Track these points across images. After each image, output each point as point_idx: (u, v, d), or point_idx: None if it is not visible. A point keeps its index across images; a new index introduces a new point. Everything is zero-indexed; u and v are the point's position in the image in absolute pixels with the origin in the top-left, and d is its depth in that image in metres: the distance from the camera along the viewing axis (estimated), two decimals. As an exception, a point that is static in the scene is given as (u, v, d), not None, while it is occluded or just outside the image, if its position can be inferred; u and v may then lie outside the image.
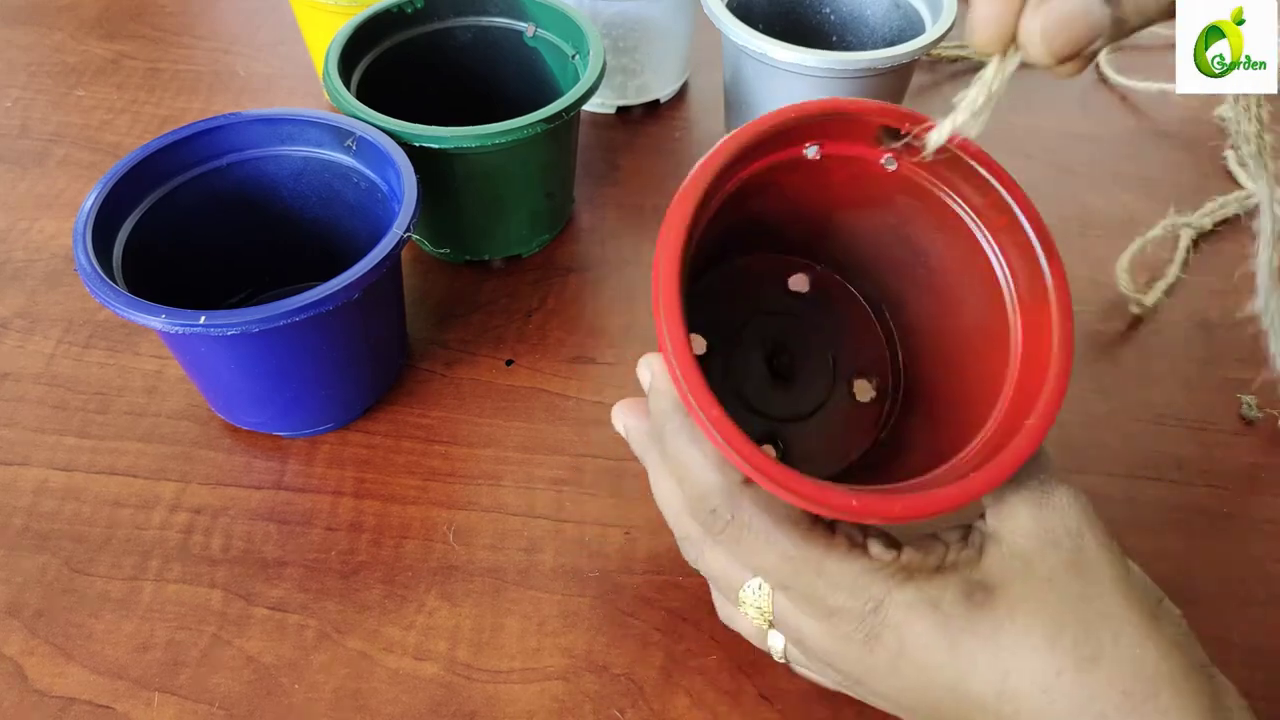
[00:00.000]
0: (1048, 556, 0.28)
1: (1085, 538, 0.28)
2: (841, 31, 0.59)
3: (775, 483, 0.27)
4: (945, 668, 0.27)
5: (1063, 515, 0.28)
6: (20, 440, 0.43)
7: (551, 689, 0.35)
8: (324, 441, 0.43)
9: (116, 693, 0.35)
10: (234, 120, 0.43)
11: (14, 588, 0.38)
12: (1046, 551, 0.28)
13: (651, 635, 0.37)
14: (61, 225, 0.53)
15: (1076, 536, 0.28)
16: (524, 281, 0.51)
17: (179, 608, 0.37)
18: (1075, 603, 0.27)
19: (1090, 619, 0.26)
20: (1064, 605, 0.27)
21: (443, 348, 0.47)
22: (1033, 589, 0.27)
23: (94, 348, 0.47)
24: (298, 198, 0.45)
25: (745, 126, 0.31)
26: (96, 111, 0.61)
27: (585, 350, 0.47)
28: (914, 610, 0.27)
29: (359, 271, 0.37)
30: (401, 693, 0.35)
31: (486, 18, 0.53)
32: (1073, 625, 0.26)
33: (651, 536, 0.40)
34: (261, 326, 0.35)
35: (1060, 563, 0.27)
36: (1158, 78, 0.64)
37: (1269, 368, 0.32)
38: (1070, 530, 0.28)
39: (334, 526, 0.40)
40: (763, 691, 0.35)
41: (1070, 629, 0.26)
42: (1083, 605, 0.27)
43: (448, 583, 0.38)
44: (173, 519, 0.40)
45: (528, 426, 0.44)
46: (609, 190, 0.57)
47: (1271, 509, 0.42)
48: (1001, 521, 0.29)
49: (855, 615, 0.28)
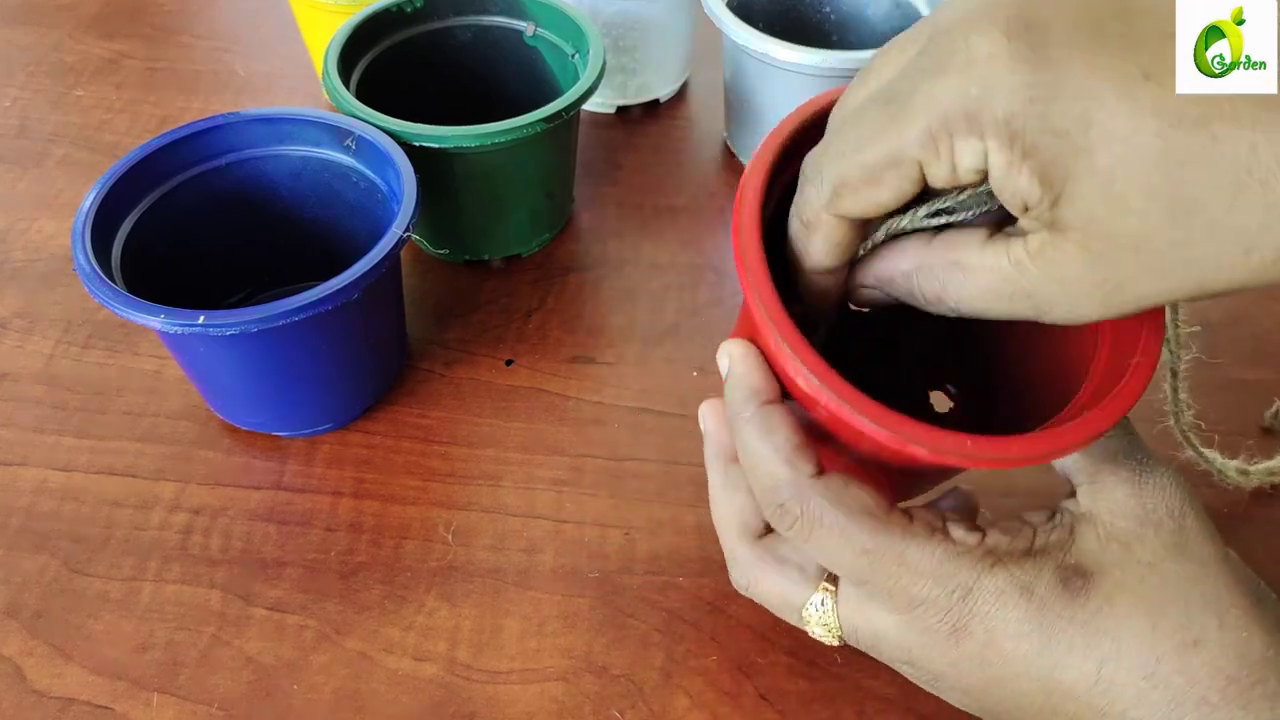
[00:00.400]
0: (1148, 539, 0.26)
1: (1188, 519, 0.26)
2: (841, 31, 0.59)
3: (870, 418, 0.25)
4: (1038, 657, 0.26)
5: (1165, 495, 0.27)
6: (19, 440, 0.43)
7: (551, 690, 0.35)
8: (323, 442, 0.43)
9: (115, 693, 0.35)
10: (233, 120, 0.43)
11: (13, 588, 0.38)
12: (1147, 533, 0.26)
13: (651, 636, 0.37)
14: (60, 225, 0.53)
15: (1179, 517, 0.26)
16: (524, 281, 0.51)
17: (178, 608, 0.37)
18: (1178, 586, 0.25)
19: (1193, 603, 0.25)
20: (1167, 589, 0.25)
21: (442, 348, 0.47)
22: (1133, 573, 0.26)
23: (93, 348, 0.47)
24: (297, 197, 0.45)
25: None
26: (95, 111, 0.61)
27: (585, 350, 0.47)
28: (1005, 597, 0.26)
29: (358, 271, 0.36)
30: (401, 693, 0.35)
31: (486, 17, 0.53)
32: (1175, 610, 0.25)
33: (651, 537, 0.40)
34: (261, 326, 0.35)
35: (1162, 545, 0.26)
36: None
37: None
38: (1172, 511, 0.26)
39: (333, 527, 0.40)
40: (762, 692, 0.35)
41: (1172, 613, 0.25)
42: (1186, 588, 0.25)
43: (447, 583, 0.38)
44: (172, 519, 0.40)
45: (528, 426, 0.44)
46: (609, 190, 0.57)
47: (1271, 509, 0.42)
48: (1096, 501, 0.27)
49: (941, 605, 0.26)
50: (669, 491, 0.41)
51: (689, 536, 0.40)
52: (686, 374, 0.46)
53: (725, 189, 0.57)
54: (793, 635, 0.37)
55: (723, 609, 0.38)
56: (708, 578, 0.39)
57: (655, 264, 0.52)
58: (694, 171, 0.58)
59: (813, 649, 0.36)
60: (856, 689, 0.35)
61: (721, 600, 0.38)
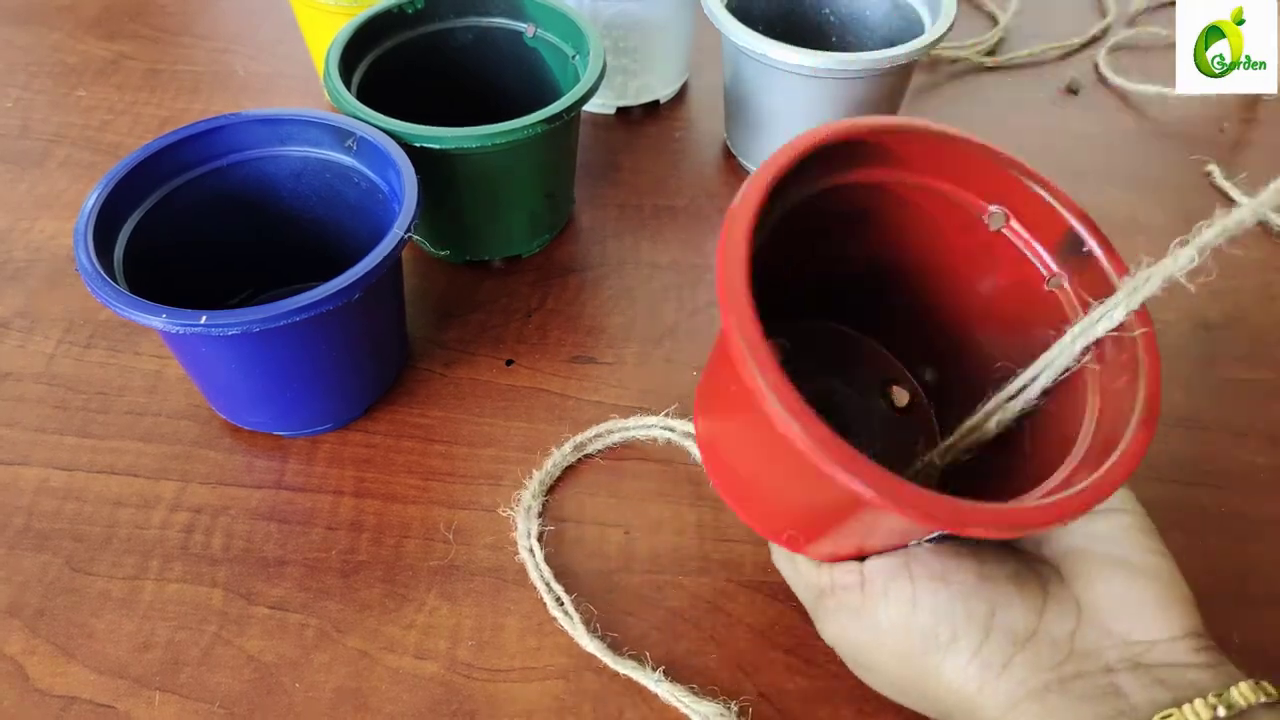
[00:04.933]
0: None
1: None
2: (841, 32, 0.59)
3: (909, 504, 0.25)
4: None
5: None
6: (21, 440, 0.43)
7: (551, 688, 0.35)
8: (324, 441, 0.43)
9: (117, 692, 0.35)
10: (234, 120, 0.43)
11: (15, 587, 0.38)
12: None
13: (651, 635, 0.37)
14: (62, 225, 0.53)
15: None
16: (524, 281, 0.51)
17: (180, 607, 0.37)
18: None
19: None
20: None
21: (443, 348, 0.47)
22: None
23: (95, 348, 0.47)
24: (298, 198, 0.45)
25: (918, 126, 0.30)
26: (97, 112, 0.61)
27: (585, 350, 0.47)
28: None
29: (359, 272, 0.37)
30: (402, 692, 0.35)
31: (487, 18, 0.53)
32: None
33: (651, 536, 0.40)
34: (262, 326, 0.35)
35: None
36: (1158, 78, 0.64)
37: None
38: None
39: (334, 526, 0.40)
40: (762, 691, 0.36)
41: None
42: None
43: (448, 582, 0.38)
44: (173, 518, 0.40)
45: (528, 426, 0.44)
46: (609, 190, 0.57)
47: (1271, 509, 0.42)
48: None
49: None
50: (669, 491, 0.42)
51: (689, 536, 0.40)
52: (686, 374, 0.46)
53: (725, 190, 0.57)
54: (792, 635, 0.37)
55: (722, 608, 0.38)
56: (707, 577, 0.39)
57: (655, 264, 0.52)
58: (694, 172, 0.58)
59: (812, 648, 0.36)
60: (855, 688, 0.35)
61: (721, 599, 0.38)
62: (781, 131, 0.54)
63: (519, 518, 0.39)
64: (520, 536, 0.39)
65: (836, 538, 0.30)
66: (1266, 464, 0.43)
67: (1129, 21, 0.73)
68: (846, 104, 0.52)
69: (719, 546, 0.40)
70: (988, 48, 0.69)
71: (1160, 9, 0.74)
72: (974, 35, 0.70)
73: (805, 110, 0.52)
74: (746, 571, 0.39)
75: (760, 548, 0.40)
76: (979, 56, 0.68)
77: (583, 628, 0.36)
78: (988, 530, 0.25)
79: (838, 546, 0.31)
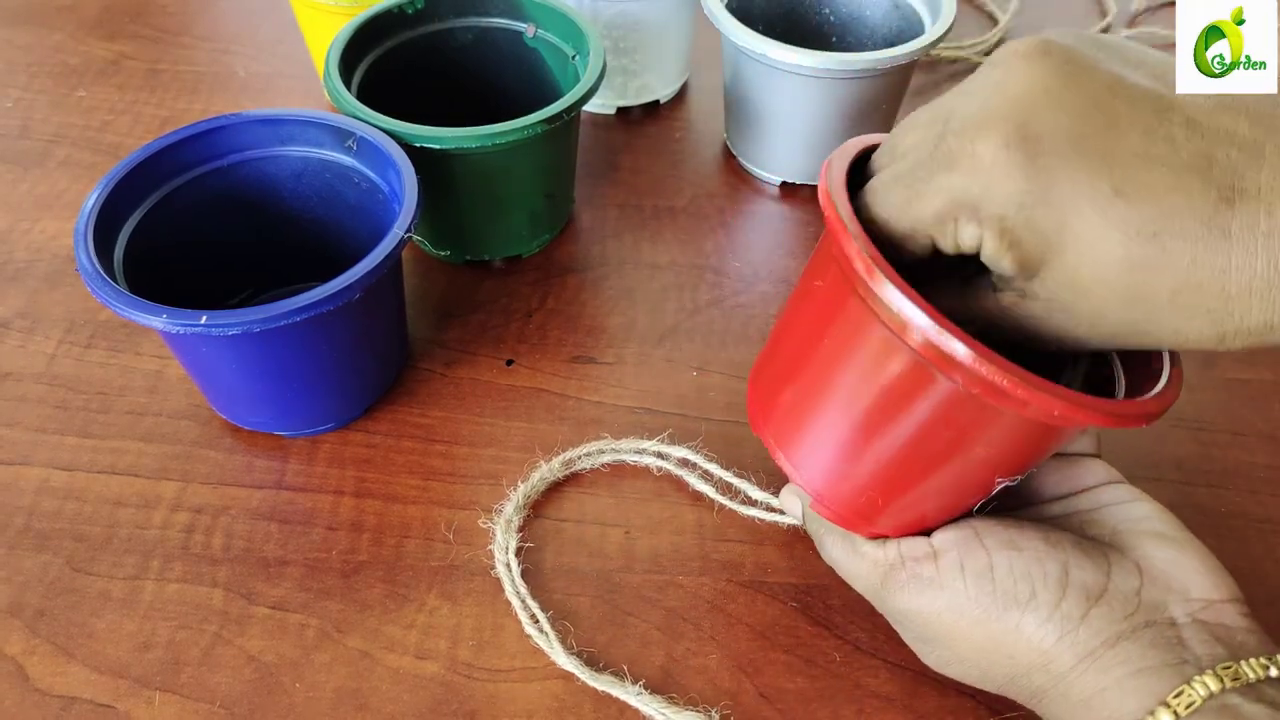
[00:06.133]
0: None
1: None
2: (841, 32, 0.59)
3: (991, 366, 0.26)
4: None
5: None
6: (22, 440, 0.43)
7: (552, 688, 0.35)
8: (325, 441, 0.43)
9: (118, 692, 0.35)
10: (234, 121, 0.43)
11: (15, 587, 0.38)
12: None
13: (651, 635, 0.37)
14: (63, 226, 0.53)
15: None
16: (524, 281, 0.51)
17: (180, 607, 0.37)
18: None
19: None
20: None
21: (443, 348, 0.47)
22: None
23: (95, 348, 0.47)
24: (298, 198, 0.45)
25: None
26: (97, 112, 0.61)
27: (585, 350, 0.47)
28: None
29: (360, 272, 0.37)
30: (402, 691, 0.35)
31: (487, 18, 0.53)
32: None
33: (651, 536, 0.40)
34: (263, 326, 0.35)
35: None
36: (1157, 78, 0.64)
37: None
38: None
39: (335, 526, 0.40)
40: (762, 691, 0.36)
41: None
42: None
43: (448, 582, 0.38)
44: (174, 518, 0.40)
45: (528, 426, 0.44)
46: (609, 190, 0.57)
47: (1271, 509, 0.42)
48: None
49: None
50: (669, 491, 0.42)
51: (689, 536, 0.40)
52: (686, 374, 0.46)
53: (725, 190, 0.57)
54: (792, 634, 0.37)
55: (722, 608, 0.38)
56: (707, 576, 0.39)
57: (655, 264, 0.52)
58: (694, 172, 0.58)
59: (811, 648, 0.37)
60: (856, 687, 0.36)
61: (721, 599, 0.38)
62: (782, 131, 0.54)
63: (498, 530, 0.39)
64: (498, 550, 0.39)
65: (925, 492, 0.31)
66: (1266, 464, 0.43)
67: (1129, 22, 0.73)
68: (846, 104, 0.52)
69: (719, 546, 0.40)
70: (988, 48, 0.69)
71: (1160, 9, 0.74)
72: (974, 35, 0.71)
73: (805, 110, 0.53)
74: (746, 571, 0.39)
75: (760, 548, 0.40)
76: (979, 56, 0.68)
77: (559, 645, 0.36)
78: (1138, 420, 0.27)
79: (921, 506, 0.32)
